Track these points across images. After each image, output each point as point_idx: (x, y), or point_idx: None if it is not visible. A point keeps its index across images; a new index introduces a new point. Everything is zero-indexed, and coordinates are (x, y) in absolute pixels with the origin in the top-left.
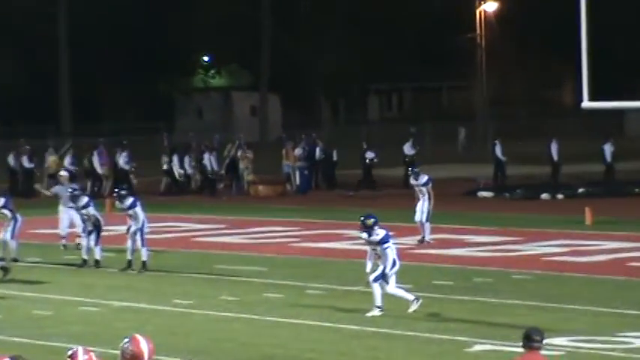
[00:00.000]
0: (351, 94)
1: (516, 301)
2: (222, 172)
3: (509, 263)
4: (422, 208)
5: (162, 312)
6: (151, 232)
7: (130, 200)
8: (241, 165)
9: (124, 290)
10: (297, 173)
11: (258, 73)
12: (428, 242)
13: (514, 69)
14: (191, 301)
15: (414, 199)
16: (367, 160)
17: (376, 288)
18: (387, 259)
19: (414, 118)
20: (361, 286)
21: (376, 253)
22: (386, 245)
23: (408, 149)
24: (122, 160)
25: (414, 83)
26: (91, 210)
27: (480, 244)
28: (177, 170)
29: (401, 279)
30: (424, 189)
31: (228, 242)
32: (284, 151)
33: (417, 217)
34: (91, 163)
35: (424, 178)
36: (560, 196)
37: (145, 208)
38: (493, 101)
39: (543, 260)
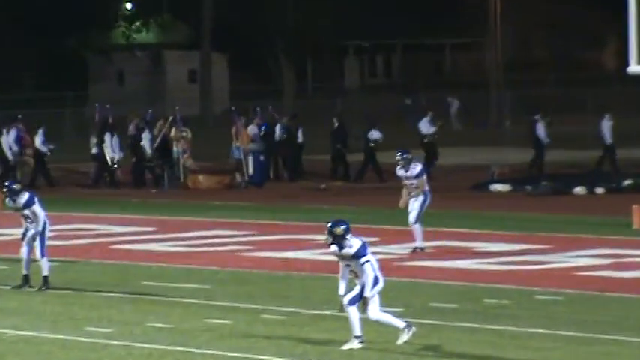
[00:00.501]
0: (321, 54)
1: (541, 330)
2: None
3: (532, 280)
4: (413, 206)
5: (69, 343)
6: (56, 237)
7: (25, 197)
8: (175, 148)
9: (19, 315)
10: (251, 159)
11: (198, 26)
12: (421, 250)
13: (538, 22)
14: (109, 330)
15: (398, 194)
16: (371, 143)
17: (353, 313)
18: (365, 277)
19: (406, 87)
20: (335, 310)
21: (351, 270)
22: (363, 260)
23: (425, 127)
24: (39, 140)
25: (406, 40)
26: None
27: (493, 254)
28: (109, 154)
29: (388, 300)
30: (416, 182)
31: (157, 251)
32: (233, 130)
33: (410, 219)
34: None
35: (417, 168)
36: (599, 191)
37: (45, 207)
38: (510, 65)
39: (577, 276)
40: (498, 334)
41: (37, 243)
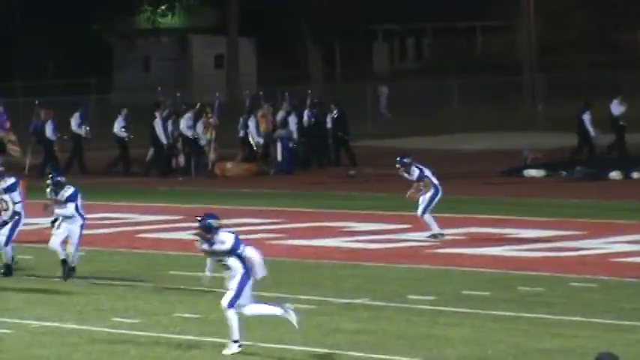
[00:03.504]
0: (350, 38)
1: (576, 318)
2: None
3: (567, 267)
4: (424, 198)
5: (96, 335)
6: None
7: (69, 190)
8: (204, 135)
9: (44, 305)
10: (279, 146)
11: (225, 10)
12: (441, 237)
13: (571, 3)
14: (135, 320)
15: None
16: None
17: (232, 316)
18: (235, 272)
19: (436, 70)
20: (367, 299)
21: (224, 265)
22: (237, 253)
23: (616, 109)
24: (75, 122)
25: (437, 23)
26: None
27: (527, 241)
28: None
29: (420, 288)
30: (421, 183)
31: (185, 240)
32: (260, 116)
33: (418, 211)
34: None
35: (415, 173)
36: (635, 175)
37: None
38: (543, 47)
39: (613, 262)
40: (532, 323)
41: (72, 239)
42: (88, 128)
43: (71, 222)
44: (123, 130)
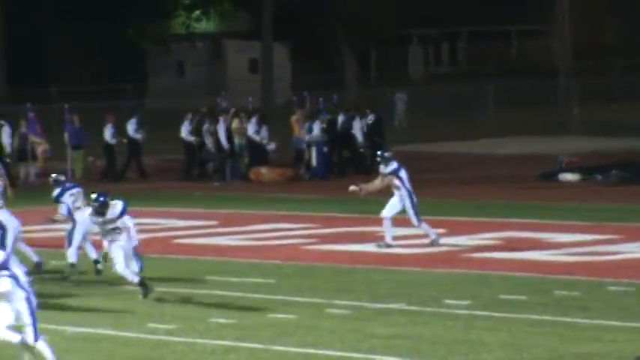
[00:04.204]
0: (385, 42)
1: (613, 322)
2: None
3: (603, 271)
4: (393, 201)
5: (131, 340)
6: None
7: (118, 206)
8: (238, 140)
9: (79, 311)
10: (314, 150)
11: (259, 14)
12: (434, 242)
13: (606, 8)
14: (171, 326)
15: (465, 185)
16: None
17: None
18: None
19: (471, 75)
20: (402, 304)
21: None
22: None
23: None
24: (132, 127)
25: (472, 27)
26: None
27: (564, 245)
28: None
29: (455, 293)
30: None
31: (220, 245)
32: (293, 120)
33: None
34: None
35: (391, 167)
36: None
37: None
38: (578, 51)
39: None
40: (569, 327)
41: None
42: (143, 133)
43: (120, 237)
44: (190, 134)
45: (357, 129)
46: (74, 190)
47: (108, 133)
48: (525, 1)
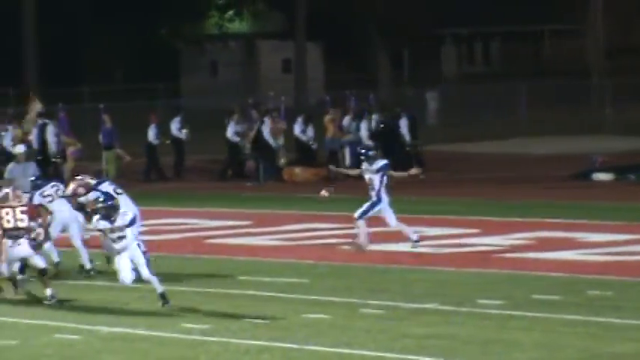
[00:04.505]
0: (418, 42)
1: None
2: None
3: (637, 270)
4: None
5: (165, 340)
6: (149, 232)
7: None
8: (272, 140)
9: (114, 312)
10: (347, 150)
11: (292, 14)
12: (417, 242)
13: (636, 8)
14: (206, 326)
15: (498, 185)
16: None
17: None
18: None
19: (504, 75)
20: (436, 303)
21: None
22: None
23: None
24: (175, 126)
25: (505, 27)
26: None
27: (597, 245)
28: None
29: (489, 293)
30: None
31: (254, 245)
32: (327, 120)
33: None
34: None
35: (379, 164)
36: None
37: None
38: (612, 51)
39: None
40: (603, 327)
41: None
42: (187, 131)
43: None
44: (235, 134)
45: (404, 128)
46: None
47: (151, 133)
48: (558, 1)
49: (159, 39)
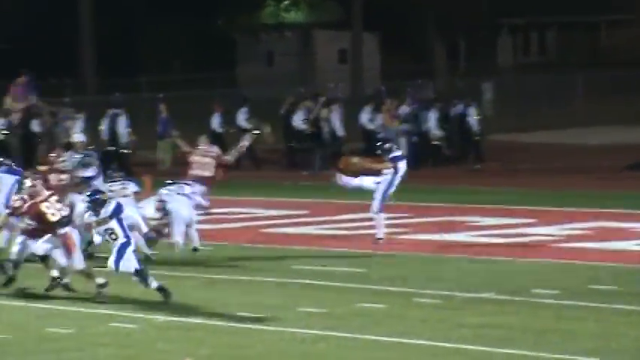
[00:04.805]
0: (474, 32)
1: None
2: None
3: None
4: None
5: (221, 329)
6: (206, 221)
7: (111, 206)
8: (327, 128)
9: (171, 300)
10: (403, 140)
11: (349, 4)
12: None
13: None
14: (260, 315)
15: (555, 175)
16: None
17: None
18: None
19: (560, 65)
20: (492, 293)
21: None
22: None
23: None
24: (242, 116)
25: (561, 17)
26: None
27: None
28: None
29: (544, 282)
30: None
31: (309, 234)
32: (383, 110)
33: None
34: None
35: (395, 153)
36: None
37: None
38: None
39: None
40: None
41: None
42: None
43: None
44: (303, 123)
45: (472, 118)
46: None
47: (215, 122)
48: None
49: (216, 29)
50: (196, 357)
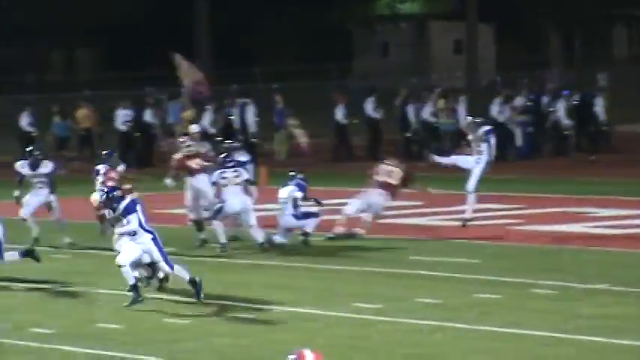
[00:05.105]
0: (590, 23)
1: None
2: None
3: None
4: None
5: (337, 320)
6: (328, 212)
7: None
8: (444, 120)
9: (286, 290)
10: (518, 131)
11: None
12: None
13: None
14: (377, 306)
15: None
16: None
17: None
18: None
19: None
20: (608, 284)
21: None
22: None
23: None
24: (370, 106)
25: None
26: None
27: None
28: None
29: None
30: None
31: (423, 225)
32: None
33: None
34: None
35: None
36: None
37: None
38: None
39: None
40: None
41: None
42: (382, 111)
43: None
44: (432, 115)
45: (600, 107)
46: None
47: (340, 114)
48: None
49: (331, 20)
50: (312, 347)
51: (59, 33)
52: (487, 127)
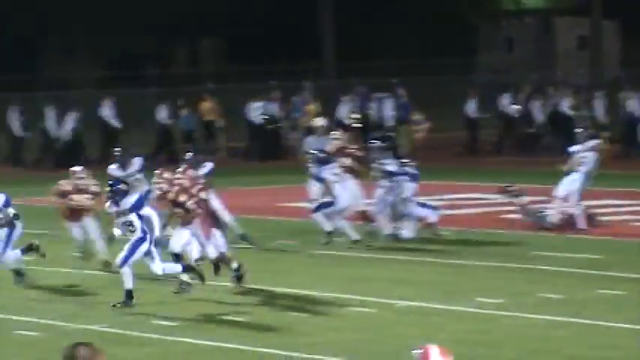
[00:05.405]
0: None
1: None
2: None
3: None
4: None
5: (460, 315)
6: (447, 207)
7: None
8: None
9: (409, 285)
10: None
11: None
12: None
13: None
14: (500, 300)
15: None
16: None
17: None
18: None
19: None
20: None
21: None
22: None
23: None
24: (506, 101)
25: None
26: None
27: None
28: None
29: None
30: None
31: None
32: (622, 97)
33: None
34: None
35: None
36: None
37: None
38: None
39: None
40: None
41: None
42: (519, 107)
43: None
44: (569, 108)
45: None
46: None
47: (471, 108)
48: None
49: (456, 15)
50: (435, 342)
51: (184, 23)
52: (595, 141)
